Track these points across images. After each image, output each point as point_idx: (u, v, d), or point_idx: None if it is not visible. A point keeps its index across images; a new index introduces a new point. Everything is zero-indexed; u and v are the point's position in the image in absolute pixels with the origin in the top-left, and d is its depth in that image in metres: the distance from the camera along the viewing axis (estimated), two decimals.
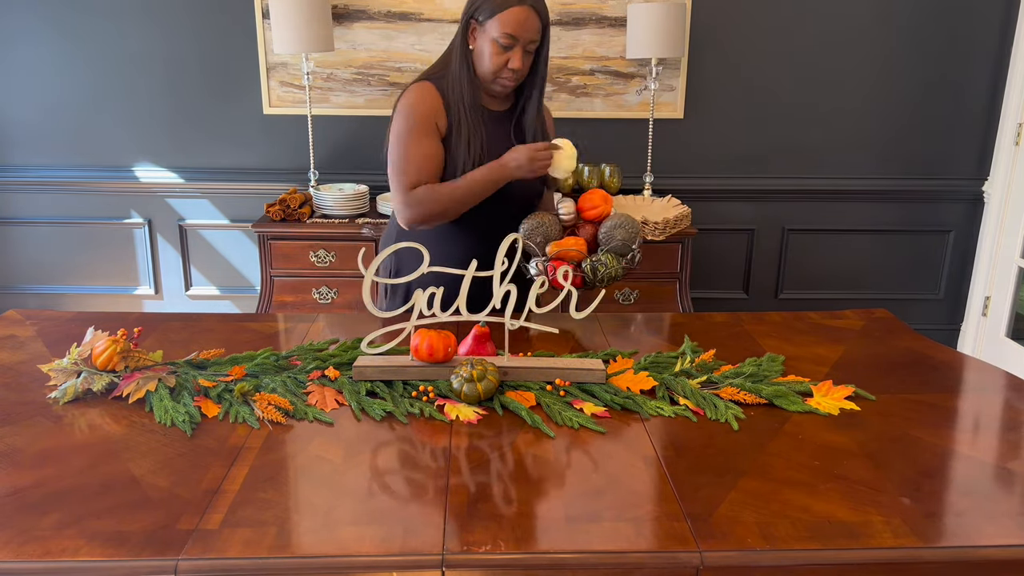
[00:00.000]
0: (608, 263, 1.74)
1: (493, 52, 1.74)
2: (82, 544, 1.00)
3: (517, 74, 1.77)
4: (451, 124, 1.80)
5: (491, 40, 1.73)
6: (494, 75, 1.77)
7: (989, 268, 3.39)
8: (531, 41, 1.74)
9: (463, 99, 1.79)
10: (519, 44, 1.73)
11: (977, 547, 1.03)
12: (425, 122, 1.78)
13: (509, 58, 1.74)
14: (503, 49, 1.74)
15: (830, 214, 3.44)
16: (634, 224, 1.79)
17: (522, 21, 1.71)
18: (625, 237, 1.77)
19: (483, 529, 1.04)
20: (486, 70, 1.77)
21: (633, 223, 1.79)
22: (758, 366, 1.53)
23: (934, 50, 3.24)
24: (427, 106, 1.79)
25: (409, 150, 1.79)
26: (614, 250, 1.77)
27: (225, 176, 3.36)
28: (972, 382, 1.55)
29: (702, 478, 1.17)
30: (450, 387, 1.41)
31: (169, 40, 3.20)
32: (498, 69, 1.76)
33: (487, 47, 1.75)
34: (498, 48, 1.74)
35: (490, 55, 1.75)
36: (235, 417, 1.33)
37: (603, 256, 1.75)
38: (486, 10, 1.73)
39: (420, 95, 1.80)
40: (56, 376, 1.44)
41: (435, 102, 1.79)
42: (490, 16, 1.72)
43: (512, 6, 1.71)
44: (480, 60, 1.77)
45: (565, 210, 1.83)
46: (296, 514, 1.07)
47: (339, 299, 3.04)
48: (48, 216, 3.42)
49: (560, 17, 3.17)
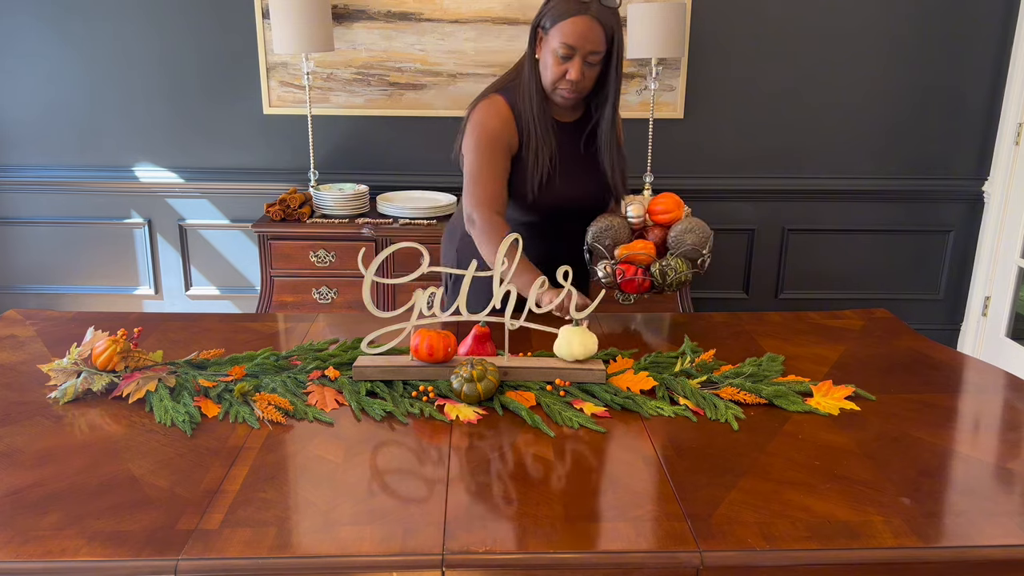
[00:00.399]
0: (678, 267, 1.71)
1: (552, 62, 1.70)
2: (82, 544, 1.00)
3: (576, 86, 1.72)
4: (522, 138, 1.78)
5: (551, 50, 1.69)
6: (552, 85, 1.74)
7: (989, 268, 3.39)
8: (592, 52, 1.68)
9: (532, 109, 1.76)
10: (578, 55, 1.68)
11: (977, 547, 1.03)
12: (494, 142, 1.76)
13: (567, 69, 1.69)
14: (562, 59, 1.69)
15: (830, 214, 3.44)
16: (705, 229, 1.75)
17: (582, 31, 1.65)
18: (696, 242, 1.73)
19: (483, 529, 1.04)
20: (546, 80, 1.74)
21: (704, 228, 1.75)
22: (758, 366, 1.53)
23: (934, 50, 3.24)
24: (496, 125, 1.77)
25: (481, 168, 1.77)
26: (684, 254, 1.73)
27: (225, 176, 3.36)
28: (972, 382, 1.55)
29: (702, 478, 1.17)
30: (450, 387, 1.41)
31: (169, 40, 3.20)
32: (556, 80, 1.72)
33: (548, 56, 1.71)
34: (557, 58, 1.69)
35: (550, 65, 1.71)
36: (235, 417, 1.33)
37: (673, 260, 1.71)
38: (550, 18, 1.69)
39: (489, 112, 1.78)
40: (56, 376, 1.44)
41: (505, 118, 1.78)
42: (552, 24, 1.68)
43: (572, 15, 1.65)
44: (543, 70, 1.74)
45: (634, 212, 1.81)
46: (296, 514, 1.07)
47: (339, 299, 3.04)
48: (48, 216, 3.42)
49: None
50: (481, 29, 3.18)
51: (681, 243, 1.74)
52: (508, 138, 1.78)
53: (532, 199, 1.79)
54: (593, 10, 1.65)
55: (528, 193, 1.79)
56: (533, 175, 1.77)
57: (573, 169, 1.82)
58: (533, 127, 1.76)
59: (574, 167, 1.82)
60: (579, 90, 1.74)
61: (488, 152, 1.76)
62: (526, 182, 1.78)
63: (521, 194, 1.80)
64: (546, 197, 1.80)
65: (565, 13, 1.65)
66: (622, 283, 1.73)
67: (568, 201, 1.83)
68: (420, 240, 2.12)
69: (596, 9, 1.65)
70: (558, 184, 1.79)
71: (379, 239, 2.96)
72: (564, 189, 1.80)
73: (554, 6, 1.68)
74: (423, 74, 3.24)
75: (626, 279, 1.73)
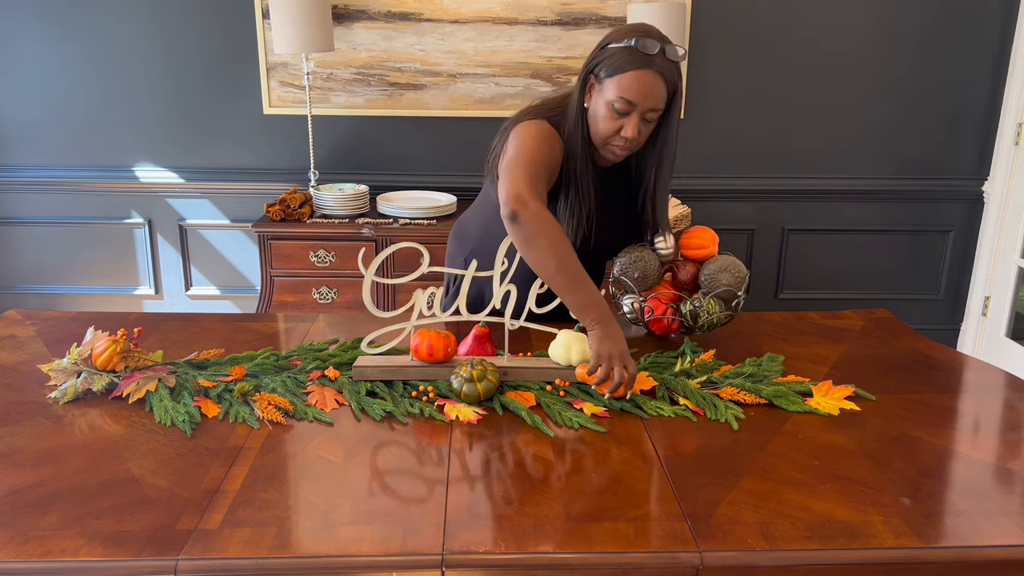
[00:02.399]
0: (711, 309, 1.61)
1: (607, 116, 1.54)
2: (82, 544, 1.00)
3: (630, 143, 1.56)
4: (562, 175, 1.63)
5: (607, 102, 1.53)
6: (604, 141, 1.58)
7: (989, 268, 3.39)
8: (651, 110, 1.52)
9: (575, 160, 1.61)
10: (636, 111, 1.52)
11: (977, 547, 1.03)
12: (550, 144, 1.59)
13: (623, 125, 1.54)
14: (618, 115, 1.53)
15: (830, 214, 3.44)
16: (741, 269, 1.64)
17: (644, 87, 1.49)
18: (731, 282, 1.62)
19: (483, 529, 1.04)
20: (598, 134, 1.58)
21: (740, 268, 1.64)
22: (758, 366, 1.53)
23: (934, 50, 3.24)
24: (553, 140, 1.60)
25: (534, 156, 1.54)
26: (718, 295, 1.62)
27: (225, 176, 3.36)
28: (972, 382, 1.55)
29: (702, 478, 1.17)
30: (450, 387, 1.41)
31: (169, 40, 3.20)
32: (609, 135, 1.56)
33: (602, 108, 1.54)
34: (612, 112, 1.53)
35: (603, 118, 1.55)
36: (235, 417, 1.33)
37: (706, 301, 1.61)
38: (607, 67, 1.52)
39: (546, 130, 1.59)
40: (56, 376, 1.44)
41: (559, 143, 1.61)
42: (609, 75, 1.51)
43: (636, 69, 1.49)
44: (594, 121, 1.57)
45: (663, 246, 1.70)
46: (296, 514, 1.07)
47: (339, 299, 3.04)
48: (48, 216, 3.42)
49: (560, 17, 3.17)
50: (481, 29, 3.18)
51: (716, 283, 1.63)
52: (557, 157, 1.61)
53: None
54: (657, 64, 1.49)
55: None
56: (567, 226, 1.63)
57: (608, 218, 1.69)
58: (575, 179, 1.62)
59: (609, 216, 1.70)
60: (633, 148, 1.59)
61: (539, 151, 1.56)
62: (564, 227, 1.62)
63: None
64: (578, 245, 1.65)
65: (627, 65, 1.49)
66: (649, 322, 1.66)
67: (598, 247, 1.71)
68: (420, 240, 2.12)
69: (660, 63, 1.49)
70: (591, 235, 1.67)
71: (379, 239, 2.96)
72: (597, 238, 1.68)
73: (613, 54, 1.51)
74: (423, 74, 3.24)
75: (654, 318, 1.64)
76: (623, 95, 1.50)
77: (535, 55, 3.20)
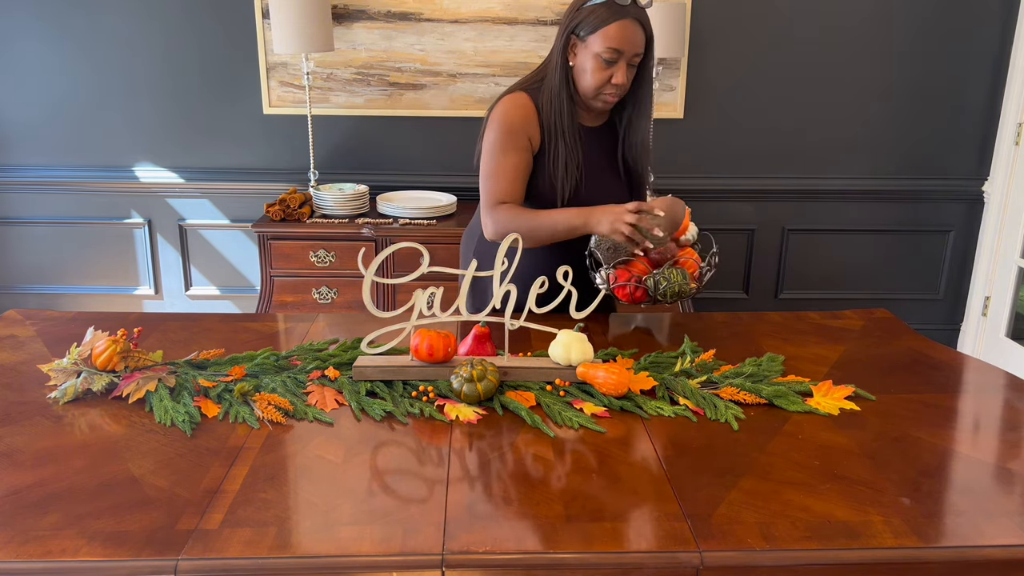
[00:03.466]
0: (672, 278, 1.68)
1: (596, 67, 1.68)
2: (82, 544, 1.00)
3: (620, 89, 1.71)
4: (544, 139, 1.76)
5: (594, 55, 1.67)
6: (596, 91, 1.71)
7: (989, 268, 3.39)
8: (635, 55, 1.69)
9: (561, 117, 1.74)
10: (623, 58, 1.67)
11: (977, 547, 1.03)
12: (516, 135, 1.74)
13: (612, 73, 1.68)
14: (606, 64, 1.68)
15: (830, 214, 3.44)
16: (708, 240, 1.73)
17: (628, 35, 1.65)
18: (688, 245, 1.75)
19: (483, 529, 1.04)
20: (588, 86, 1.71)
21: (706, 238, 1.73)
22: (758, 366, 1.53)
23: (934, 50, 3.24)
24: (520, 118, 1.75)
25: (498, 163, 1.75)
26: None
27: (225, 176, 3.36)
28: (972, 382, 1.55)
29: (702, 478, 1.17)
30: (450, 387, 1.41)
31: (169, 40, 3.20)
32: (601, 85, 1.70)
33: (589, 62, 1.69)
34: (601, 63, 1.68)
35: (592, 70, 1.69)
36: (235, 417, 1.33)
37: (668, 270, 1.70)
38: (588, 24, 1.67)
39: (513, 106, 1.76)
40: (56, 376, 1.44)
41: (529, 114, 1.75)
42: (592, 31, 1.67)
43: (616, 19, 1.65)
44: (581, 76, 1.72)
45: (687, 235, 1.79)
46: (296, 514, 1.07)
47: (339, 299, 3.04)
48: (48, 216, 3.42)
49: (560, 17, 3.16)
50: (481, 29, 3.18)
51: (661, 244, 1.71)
52: (529, 133, 1.76)
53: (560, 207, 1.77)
54: (633, 12, 1.65)
55: (557, 201, 1.77)
56: (563, 185, 1.76)
57: (598, 175, 1.81)
58: (562, 136, 1.75)
59: (600, 173, 1.82)
60: (622, 93, 1.73)
61: (509, 144, 1.74)
62: (553, 190, 1.77)
63: (547, 200, 1.78)
64: (573, 205, 1.77)
65: (608, 18, 1.65)
66: (615, 289, 1.72)
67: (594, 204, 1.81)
68: (420, 240, 2.12)
69: (635, 11, 1.66)
70: (584, 192, 1.78)
71: (379, 239, 2.96)
72: (590, 196, 1.78)
73: (591, 11, 1.67)
74: (423, 74, 3.24)
75: (618, 285, 1.71)
76: (610, 45, 1.66)
77: (535, 55, 3.20)
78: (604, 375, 1.40)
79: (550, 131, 1.75)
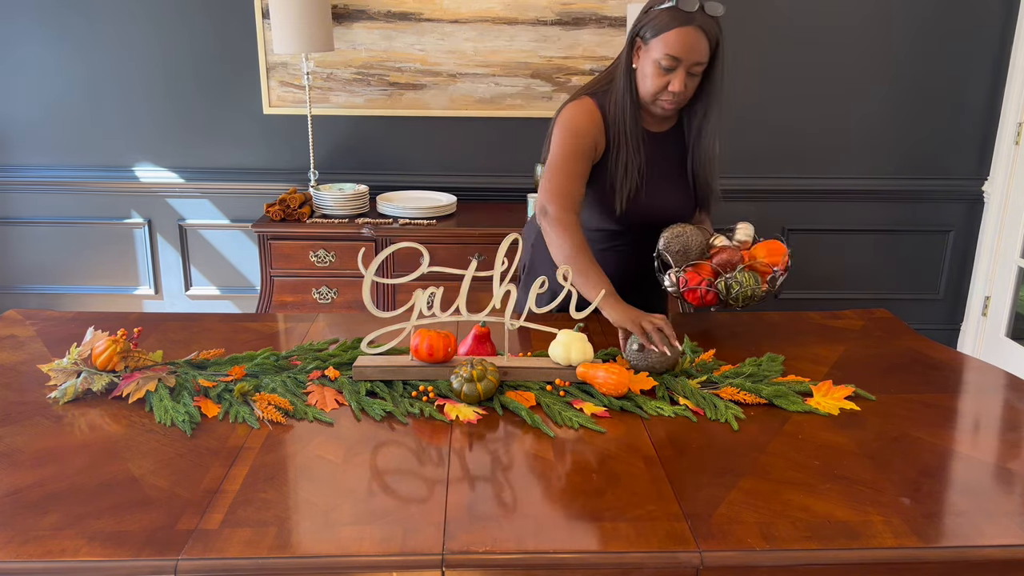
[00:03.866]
0: (744, 281, 1.65)
1: (654, 73, 1.66)
2: (82, 544, 1.00)
3: (677, 97, 1.69)
4: (609, 144, 1.76)
5: (653, 60, 1.65)
6: (653, 97, 1.70)
7: (989, 268, 3.39)
8: (696, 63, 1.65)
9: (624, 120, 1.73)
10: (682, 66, 1.64)
11: (977, 547, 1.03)
12: (580, 142, 1.74)
13: (670, 80, 1.66)
14: (664, 71, 1.65)
15: (830, 214, 3.44)
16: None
17: (687, 42, 1.62)
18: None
19: (483, 529, 1.04)
20: (646, 91, 1.70)
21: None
22: (758, 366, 1.53)
23: (934, 50, 3.24)
24: (584, 123, 1.74)
25: (561, 163, 1.74)
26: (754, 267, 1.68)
27: (225, 176, 3.36)
28: (972, 382, 1.55)
29: (702, 478, 1.17)
30: (450, 387, 1.41)
31: (169, 40, 3.20)
32: (658, 91, 1.69)
33: (649, 67, 1.67)
34: (659, 69, 1.65)
35: (651, 76, 1.67)
36: (235, 417, 1.33)
37: (740, 274, 1.66)
38: (651, 28, 1.65)
39: (580, 113, 1.75)
40: (56, 376, 1.44)
41: (594, 121, 1.75)
42: (654, 35, 1.64)
43: (678, 26, 1.61)
44: (642, 80, 1.70)
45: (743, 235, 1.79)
46: (296, 514, 1.07)
47: (339, 299, 3.04)
48: (48, 216, 3.42)
49: (560, 17, 3.17)
50: (481, 29, 3.18)
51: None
52: (595, 138, 1.75)
53: (620, 211, 1.77)
54: (698, 20, 1.62)
55: (616, 205, 1.77)
56: (622, 188, 1.75)
57: (661, 182, 1.80)
58: (624, 139, 1.74)
59: (662, 180, 1.80)
60: (680, 101, 1.71)
61: (572, 147, 1.74)
62: (614, 193, 1.76)
63: (608, 204, 1.78)
64: (633, 209, 1.78)
65: (669, 23, 1.62)
66: (685, 292, 1.68)
67: (654, 214, 1.80)
68: (420, 240, 2.12)
69: (701, 19, 1.62)
70: (644, 197, 1.77)
71: (379, 239, 2.96)
72: (651, 202, 1.78)
73: (656, 16, 1.65)
74: (423, 74, 3.24)
75: (688, 288, 1.67)
76: (668, 52, 1.63)
77: (535, 55, 3.20)
78: (604, 375, 1.40)
79: (615, 135, 1.74)
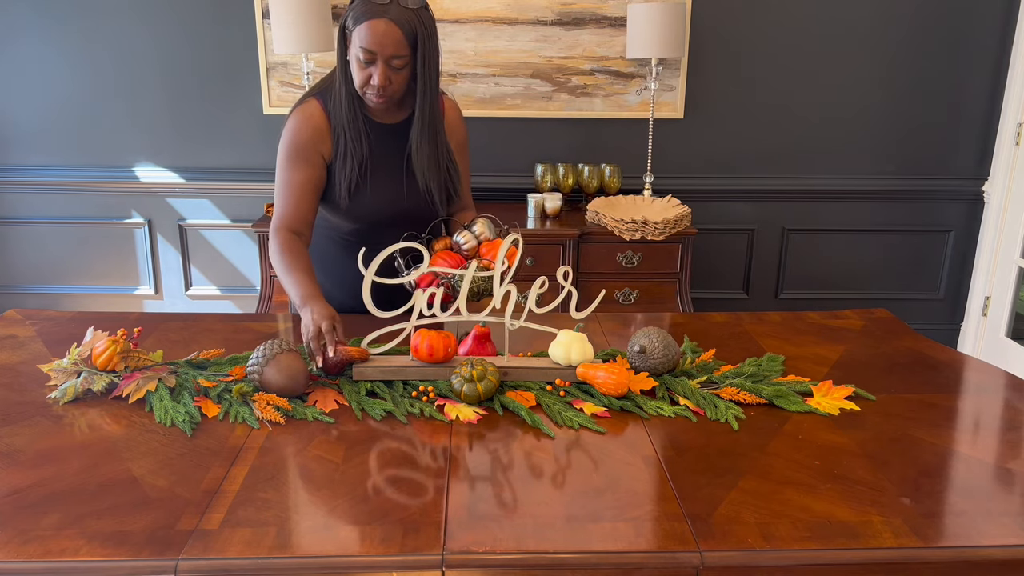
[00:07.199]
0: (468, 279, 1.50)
1: (357, 66, 1.59)
2: (82, 544, 1.00)
3: (384, 90, 1.60)
4: (335, 142, 1.69)
5: (354, 53, 1.58)
6: (360, 89, 1.62)
7: (989, 268, 3.39)
8: (394, 56, 1.56)
9: (343, 113, 1.67)
10: (379, 59, 1.56)
11: (977, 547, 1.03)
12: (300, 151, 1.67)
13: (371, 73, 1.58)
14: (365, 64, 1.58)
15: (830, 214, 3.44)
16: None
17: (379, 35, 1.53)
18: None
19: (483, 529, 1.04)
20: (356, 83, 1.63)
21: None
22: (758, 366, 1.53)
23: (934, 50, 3.24)
24: (307, 133, 1.68)
25: (283, 184, 1.69)
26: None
27: (225, 176, 3.36)
28: (972, 382, 1.55)
29: (702, 478, 1.17)
30: (450, 387, 1.41)
31: (169, 40, 3.20)
32: (362, 84, 1.61)
33: (353, 59, 1.60)
34: (359, 62, 1.58)
35: (355, 68, 1.60)
36: (235, 417, 1.33)
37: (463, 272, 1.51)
38: (352, 19, 1.57)
39: (298, 120, 1.69)
40: (56, 376, 1.44)
41: (314, 125, 1.68)
42: (354, 27, 1.56)
43: (369, 18, 1.53)
44: (353, 72, 1.62)
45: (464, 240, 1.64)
46: (296, 514, 1.07)
47: None
48: (48, 216, 3.42)
49: (560, 17, 3.17)
50: (481, 29, 3.18)
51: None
52: (319, 147, 1.68)
53: (344, 207, 1.71)
54: (392, 13, 1.53)
55: (339, 200, 1.71)
56: (340, 180, 1.69)
57: (388, 175, 1.73)
58: (343, 131, 1.67)
59: (390, 173, 1.73)
60: (388, 94, 1.62)
61: (292, 164, 1.68)
62: (340, 189, 1.70)
63: (333, 201, 1.73)
64: (357, 204, 1.71)
65: (363, 16, 1.54)
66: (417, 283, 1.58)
67: (381, 208, 1.73)
68: None
69: (395, 12, 1.53)
70: (368, 191, 1.71)
71: None
72: (375, 196, 1.72)
73: (356, 6, 1.56)
74: None
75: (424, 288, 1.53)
76: (363, 44, 1.55)
77: (535, 55, 3.20)
78: (604, 375, 1.40)
79: (337, 128, 1.68)
